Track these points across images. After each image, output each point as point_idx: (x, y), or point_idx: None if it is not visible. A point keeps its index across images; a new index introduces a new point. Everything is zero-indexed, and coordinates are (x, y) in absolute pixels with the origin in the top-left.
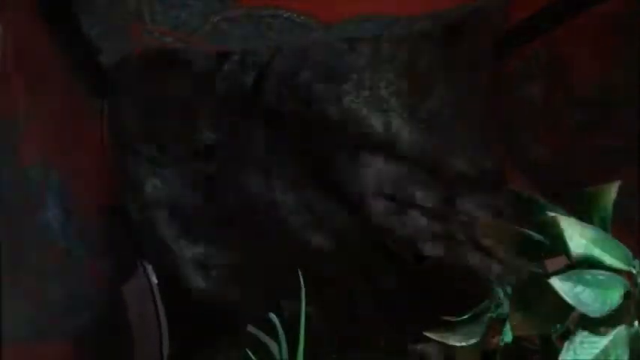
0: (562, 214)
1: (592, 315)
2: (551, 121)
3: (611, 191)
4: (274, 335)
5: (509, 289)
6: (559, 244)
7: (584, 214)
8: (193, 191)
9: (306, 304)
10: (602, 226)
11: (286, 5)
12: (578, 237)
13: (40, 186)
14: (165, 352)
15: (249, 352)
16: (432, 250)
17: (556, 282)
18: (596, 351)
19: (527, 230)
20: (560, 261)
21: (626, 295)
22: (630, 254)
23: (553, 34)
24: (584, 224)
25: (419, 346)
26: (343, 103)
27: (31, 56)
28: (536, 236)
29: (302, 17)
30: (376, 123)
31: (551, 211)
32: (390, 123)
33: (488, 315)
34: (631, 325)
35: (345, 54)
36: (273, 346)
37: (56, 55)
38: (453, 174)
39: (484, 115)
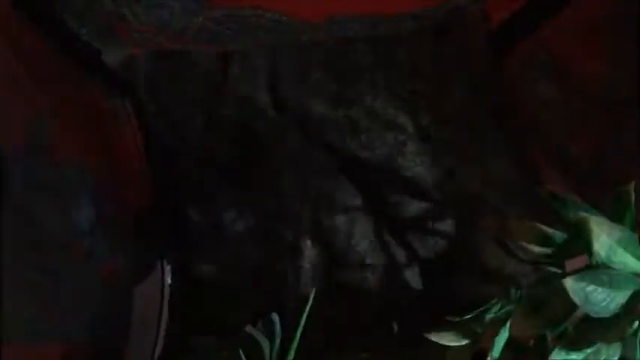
0: (594, 213)
1: (595, 316)
2: (574, 121)
3: (631, 191)
4: (271, 335)
5: (519, 291)
6: (583, 244)
7: (618, 214)
8: (228, 191)
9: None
10: (631, 225)
11: (266, 5)
12: (605, 237)
13: (77, 186)
14: (157, 353)
15: (241, 352)
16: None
17: (568, 282)
18: (589, 351)
19: (553, 230)
20: (583, 261)
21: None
22: None
23: (546, 35)
24: (613, 224)
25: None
26: (365, 102)
27: (38, 57)
28: (562, 236)
29: (284, 17)
30: (405, 121)
31: (584, 210)
32: (420, 123)
33: (491, 315)
34: (631, 325)
35: (345, 54)
36: (266, 345)
37: (62, 55)
38: (487, 172)
39: (508, 114)
